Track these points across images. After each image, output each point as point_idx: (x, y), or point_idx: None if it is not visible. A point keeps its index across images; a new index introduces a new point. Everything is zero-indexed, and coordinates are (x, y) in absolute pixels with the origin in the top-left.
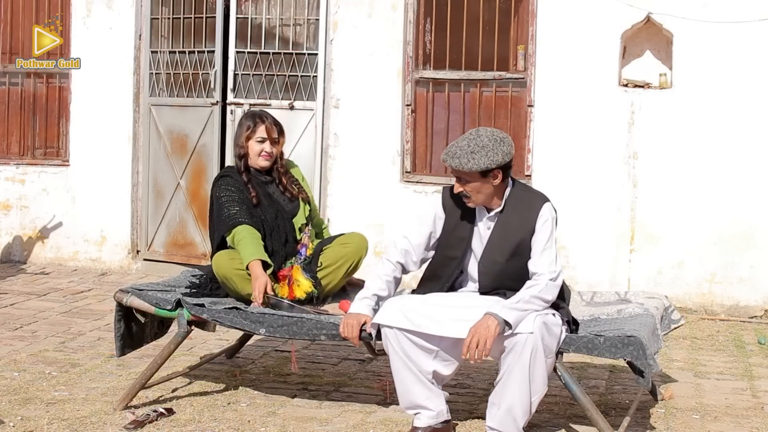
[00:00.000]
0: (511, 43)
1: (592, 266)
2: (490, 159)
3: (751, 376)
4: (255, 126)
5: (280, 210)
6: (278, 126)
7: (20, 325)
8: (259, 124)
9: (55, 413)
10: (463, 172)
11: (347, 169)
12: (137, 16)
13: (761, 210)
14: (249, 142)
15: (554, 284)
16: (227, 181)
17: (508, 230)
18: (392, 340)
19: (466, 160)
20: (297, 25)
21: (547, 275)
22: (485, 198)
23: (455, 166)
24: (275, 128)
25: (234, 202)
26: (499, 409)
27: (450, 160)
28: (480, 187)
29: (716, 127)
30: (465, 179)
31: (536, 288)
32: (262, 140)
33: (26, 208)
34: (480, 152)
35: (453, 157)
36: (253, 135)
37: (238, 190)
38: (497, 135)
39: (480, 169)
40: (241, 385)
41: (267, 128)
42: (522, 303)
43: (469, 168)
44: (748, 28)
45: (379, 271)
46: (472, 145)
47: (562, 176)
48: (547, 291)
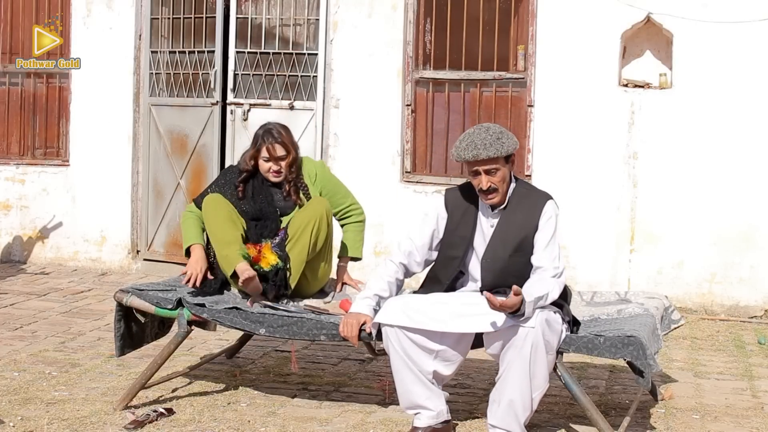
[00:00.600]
0: (511, 43)
1: (592, 266)
2: (512, 141)
3: (751, 376)
4: (259, 146)
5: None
6: (284, 143)
7: (20, 325)
8: (262, 145)
9: (55, 413)
10: (495, 161)
11: (347, 169)
12: (137, 16)
13: (761, 210)
14: (258, 160)
15: (559, 281)
16: (227, 171)
17: (511, 226)
18: (393, 340)
19: (499, 145)
20: (297, 25)
21: (550, 270)
22: (506, 189)
23: (492, 154)
24: (280, 147)
25: (218, 185)
26: (500, 406)
27: (483, 152)
28: (506, 175)
29: (716, 127)
30: (494, 169)
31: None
32: (267, 159)
33: (26, 208)
34: (503, 137)
35: (485, 147)
36: (258, 155)
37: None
38: (500, 126)
39: (509, 152)
40: (241, 385)
41: (269, 149)
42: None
43: (504, 151)
44: (748, 28)
45: (381, 271)
46: (492, 134)
47: (562, 176)
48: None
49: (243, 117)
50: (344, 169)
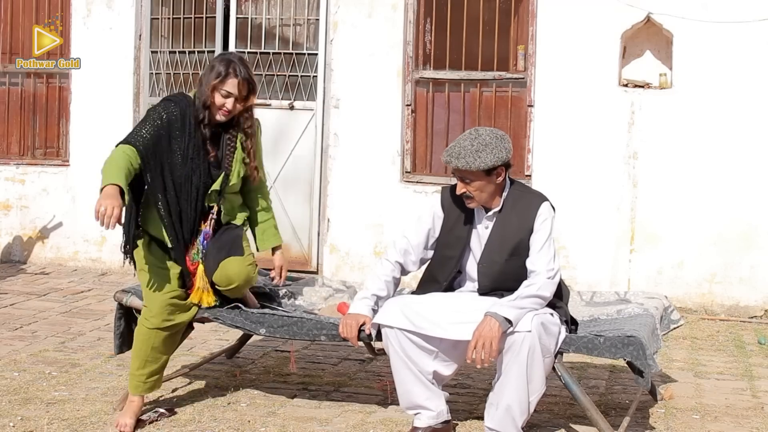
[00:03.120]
0: (511, 43)
1: (592, 266)
2: (495, 156)
3: (751, 376)
4: (225, 77)
5: (201, 167)
6: (251, 82)
7: (20, 325)
8: (230, 77)
9: (55, 413)
10: (469, 172)
11: (347, 169)
12: (137, 16)
13: (761, 210)
14: (214, 92)
15: (551, 282)
16: (169, 107)
17: (506, 230)
18: (393, 340)
19: (473, 159)
20: (297, 25)
21: (544, 273)
22: (487, 197)
23: (462, 166)
24: (247, 85)
25: (154, 127)
26: (498, 409)
27: (455, 161)
28: (484, 186)
29: (716, 127)
30: (469, 179)
31: (534, 287)
32: (227, 95)
33: (26, 208)
34: (485, 150)
35: (458, 157)
36: (221, 86)
37: (169, 124)
38: (497, 133)
39: (487, 167)
40: (241, 385)
41: (238, 84)
42: (519, 300)
43: (476, 167)
44: (748, 28)
45: (378, 271)
46: (476, 144)
47: (562, 176)
48: (545, 288)
49: None
50: (344, 169)
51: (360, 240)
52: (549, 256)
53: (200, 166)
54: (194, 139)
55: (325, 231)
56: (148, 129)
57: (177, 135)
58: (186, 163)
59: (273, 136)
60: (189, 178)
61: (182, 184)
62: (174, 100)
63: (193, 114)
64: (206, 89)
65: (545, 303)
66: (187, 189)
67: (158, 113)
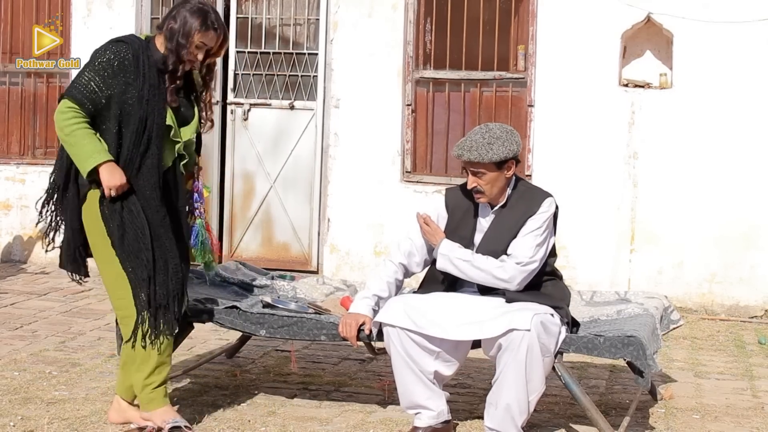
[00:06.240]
0: (511, 43)
1: (592, 266)
2: (506, 149)
3: (752, 376)
4: (205, 30)
5: (156, 108)
6: (226, 34)
7: (20, 325)
8: (209, 30)
9: (55, 413)
10: (481, 164)
11: (347, 169)
12: (137, 16)
13: (762, 210)
14: (192, 42)
15: (519, 269)
16: (121, 50)
17: (506, 223)
18: (394, 340)
19: (485, 151)
20: (297, 25)
21: (515, 258)
22: (497, 193)
23: (474, 158)
24: (223, 37)
25: (102, 78)
26: (497, 409)
27: (467, 154)
28: (495, 180)
29: (716, 127)
30: (481, 172)
31: (494, 263)
32: (202, 46)
33: (26, 208)
34: (496, 143)
35: (470, 150)
36: (199, 38)
37: (121, 71)
38: (506, 127)
39: (499, 159)
40: (241, 385)
41: (216, 39)
42: (474, 259)
43: (489, 158)
44: (748, 28)
45: (380, 271)
46: (487, 137)
47: (562, 176)
48: (507, 272)
49: (243, 117)
50: (344, 169)
51: (360, 240)
52: (530, 245)
53: (156, 106)
54: (149, 80)
55: (325, 231)
56: (97, 81)
57: (131, 79)
58: (141, 105)
59: (273, 135)
60: (143, 120)
61: (137, 126)
62: (126, 40)
63: (151, 58)
64: (182, 40)
65: (500, 285)
66: (141, 129)
67: (108, 60)
